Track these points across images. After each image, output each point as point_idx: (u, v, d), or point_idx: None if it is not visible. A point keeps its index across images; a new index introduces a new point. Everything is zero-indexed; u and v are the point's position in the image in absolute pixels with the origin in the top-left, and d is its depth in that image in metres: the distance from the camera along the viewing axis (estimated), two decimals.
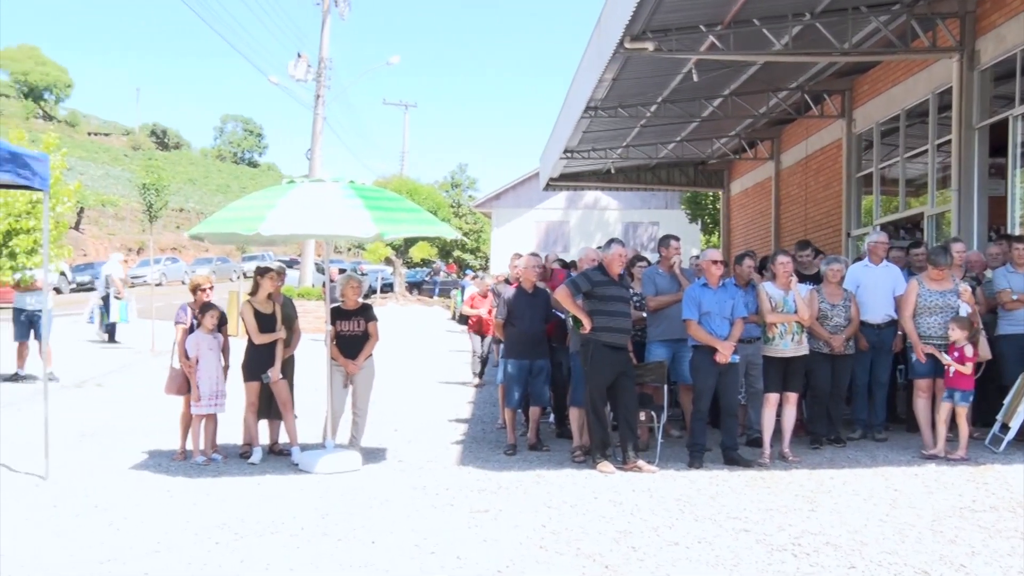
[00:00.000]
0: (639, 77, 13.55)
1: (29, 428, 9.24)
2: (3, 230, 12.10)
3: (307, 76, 29.82)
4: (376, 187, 8.96)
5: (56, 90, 79.49)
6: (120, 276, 18.25)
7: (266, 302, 8.32)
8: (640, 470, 7.73)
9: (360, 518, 6.28)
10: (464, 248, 51.96)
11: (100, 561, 5.28)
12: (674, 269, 8.96)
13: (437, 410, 11.42)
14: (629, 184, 25.28)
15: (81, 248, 47.14)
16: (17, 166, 6.93)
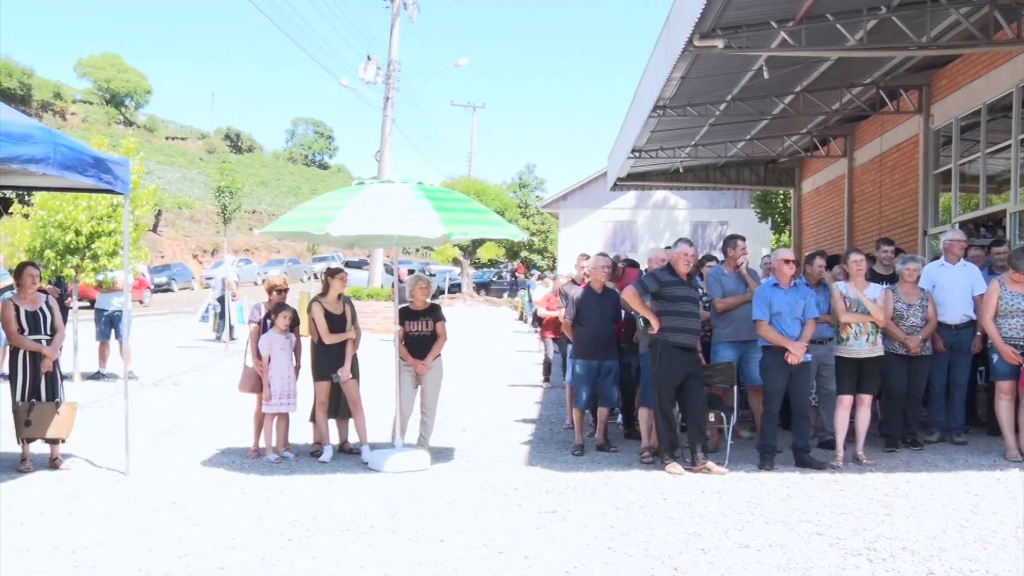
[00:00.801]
0: (708, 75, 13.39)
1: (110, 425, 9.52)
2: (86, 232, 12.47)
3: (376, 79, 30.18)
4: (444, 188, 9.02)
5: (136, 96, 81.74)
6: (234, 279, 18.87)
7: (336, 303, 8.43)
8: (709, 471, 7.65)
9: (428, 517, 6.32)
10: (531, 249, 51.99)
11: (178, 556, 5.41)
12: (740, 270, 8.84)
13: (505, 410, 11.45)
14: (697, 183, 24.99)
15: (158, 250, 48.40)
16: (100, 170, 7.14)
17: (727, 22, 10.38)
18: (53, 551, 5.44)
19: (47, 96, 71.95)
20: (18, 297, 7.83)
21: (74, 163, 6.76)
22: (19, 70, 67.08)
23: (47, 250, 12.46)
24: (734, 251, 8.91)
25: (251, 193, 62.72)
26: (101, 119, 74.51)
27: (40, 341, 7.68)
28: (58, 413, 7.65)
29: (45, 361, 7.67)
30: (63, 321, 8.23)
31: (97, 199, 12.33)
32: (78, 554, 5.39)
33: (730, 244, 8.99)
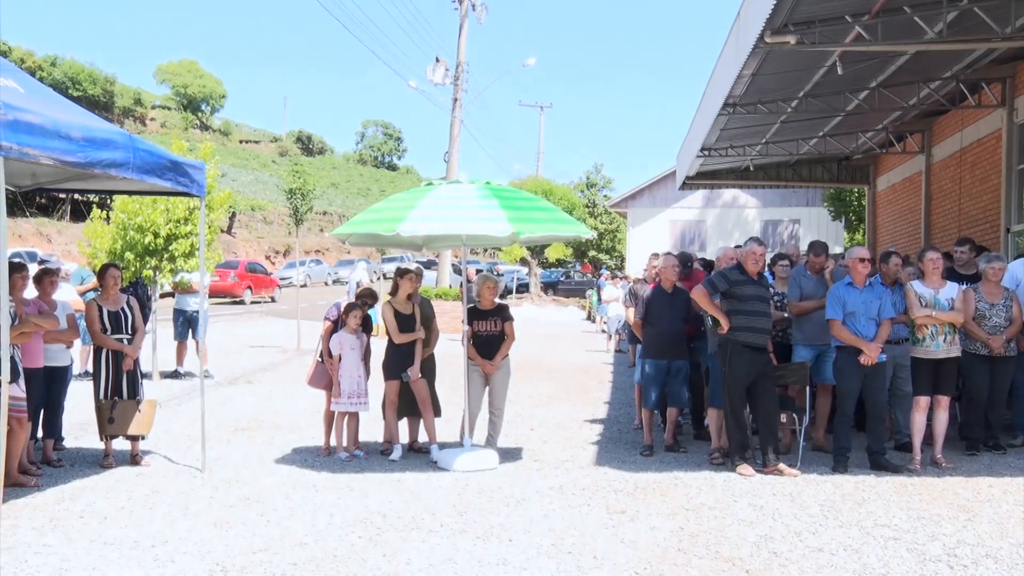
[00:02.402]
0: (780, 72, 13.18)
1: (187, 422, 9.76)
2: (164, 235, 12.79)
3: (445, 80, 30.40)
4: (511, 187, 9.04)
5: (212, 101, 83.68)
6: (367, 282, 19.42)
7: (406, 303, 8.51)
8: (781, 473, 7.54)
9: (497, 516, 6.34)
10: (599, 248, 51.78)
11: (253, 551, 5.52)
12: (824, 273, 8.70)
13: (573, 410, 11.42)
14: (768, 181, 24.63)
15: (232, 251, 49.44)
16: (177, 174, 7.33)
17: (799, 17, 10.20)
18: (135, 545, 5.60)
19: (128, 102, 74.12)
20: (101, 297, 8.06)
21: (153, 167, 6.94)
22: (102, 77, 69.23)
23: (127, 252, 12.80)
24: (820, 259, 8.78)
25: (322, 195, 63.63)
26: (178, 124, 76.49)
27: (122, 340, 7.89)
28: (139, 411, 7.86)
29: (126, 360, 7.88)
30: (144, 322, 8.45)
31: (174, 202, 12.63)
32: (158, 548, 5.53)
33: (817, 252, 8.85)
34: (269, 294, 35.82)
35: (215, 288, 30.84)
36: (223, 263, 31.90)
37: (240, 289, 33.21)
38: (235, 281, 33.14)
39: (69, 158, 6.00)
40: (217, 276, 30.52)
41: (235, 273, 33.50)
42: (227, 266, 33.27)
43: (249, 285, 33.58)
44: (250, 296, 33.40)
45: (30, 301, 7.56)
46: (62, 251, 36.31)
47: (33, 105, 5.89)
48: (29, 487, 6.93)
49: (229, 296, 32.52)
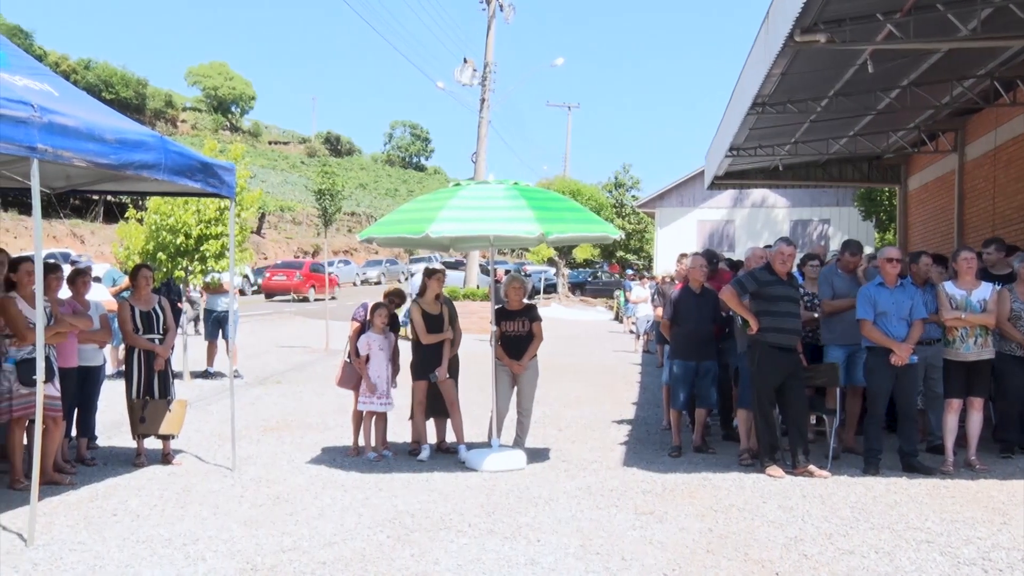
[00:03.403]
0: (809, 70, 13.07)
1: (218, 422, 9.84)
2: (195, 235, 12.91)
3: (472, 80, 30.45)
4: (539, 188, 9.04)
5: (241, 103, 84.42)
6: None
7: (434, 303, 8.53)
8: (811, 475, 7.48)
9: (525, 516, 6.34)
10: (627, 248, 51.65)
11: (283, 550, 5.55)
12: (857, 272, 8.62)
13: (601, 411, 11.40)
14: (798, 181, 24.43)
15: (262, 252, 49.82)
16: (208, 175, 7.40)
17: (830, 15, 10.11)
18: (166, 543, 5.65)
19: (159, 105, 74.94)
20: (133, 298, 8.15)
21: (183, 168, 7.01)
22: (134, 80, 70.06)
23: (159, 253, 12.93)
24: (855, 258, 8.71)
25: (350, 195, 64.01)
26: (209, 125, 77.24)
27: (153, 340, 7.97)
28: (170, 410, 7.93)
29: (158, 360, 7.95)
30: (175, 322, 8.53)
31: (205, 203, 12.74)
32: (189, 547, 5.58)
33: (853, 251, 8.77)
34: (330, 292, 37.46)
35: (283, 286, 36.24)
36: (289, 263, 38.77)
37: (305, 287, 36.30)
38: (300, 280, 36.38)
39: (102, 160, 6.07)
40: (284, 276, 36.52)
41: (300, 273, 36.82)
42: (293, 266, 37.91)
43: (313, 284, 36.00)
44: (313, 294, 35.65)
45: (65, 301, 7.66)
46: (95, 252, 36.77)
47: (67, 108, 5.98)
48: (64, 485, 7.02)
49: (296, 293, 35.96)
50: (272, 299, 36.09)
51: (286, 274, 36.97)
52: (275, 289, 36.78)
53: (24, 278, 6.97)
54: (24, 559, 5.29)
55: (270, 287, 36.74)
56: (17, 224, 38.45)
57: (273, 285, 36.83)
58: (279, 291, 36.64)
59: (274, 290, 36.82)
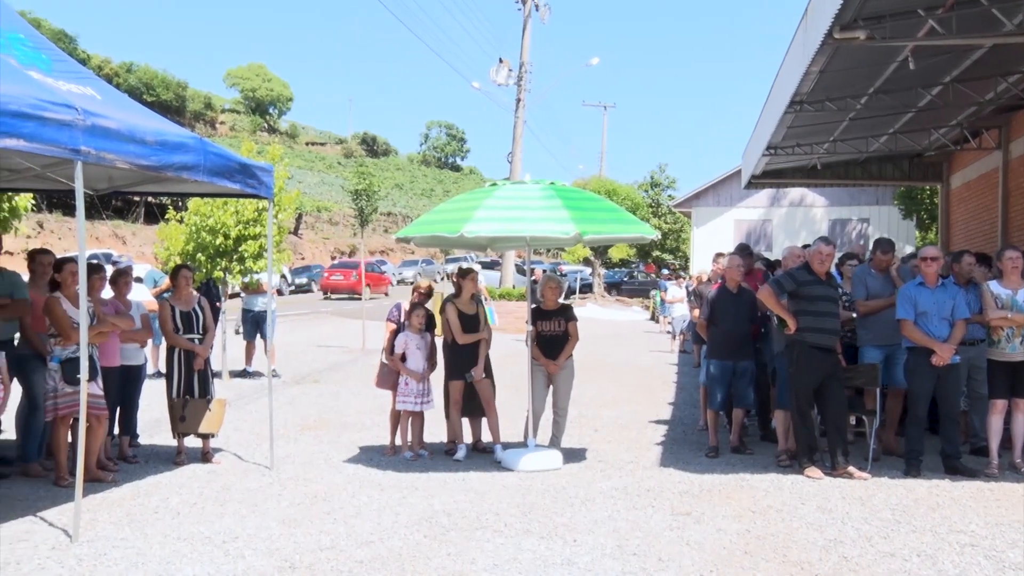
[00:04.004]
0: (848, 68, 12.92)
1: (256, 421, 9.94)
2: (234, 236, 13.03)
3: (508, 80, 30.47)
4: (575, 188, 9.02)
5: (279, 104, 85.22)
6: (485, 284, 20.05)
7: (469, 303, 8.54)
8: (851, 476, 7.40)
9: (562, 516, 6.34)
10: (663, 248, 51.40)
11: (321, 548, 5.60)
12: (891, 271, 8.51)
13: (637, 411, 11.36)
14: (836, 180, 24.13)
15: (299, 252, 50.27)
16: (246, 176, 7.47)
17: (869, 12, 9.98)
18: (206, 540, 5.72)
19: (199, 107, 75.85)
20: (173, 298, 8.25)
21: (222, 170, 7.09)
22: (174, 83, 70.98)
23: (199, 253, 13.08)
24: (887, 256, 8.60)
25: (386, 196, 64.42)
26: (247, 127, 78.05)
27: (193, 340, 8.06)
28: (209, 409, 8.02)
29: (197, 359, 8.04)
30: (214, 321, 8.63)
31: (244, 204, 12.86)
32: (228, 544, 5.65)
33: (884, 248, 8.67)
34: (383, 290, 40.20)
35: (340, 285, 38.12)
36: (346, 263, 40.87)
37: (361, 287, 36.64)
38: (356, 280, 37.66)
39: (143, 161, 6.16)
40: (341, 275, 38.39)
41: (356, 272, 37.82)
42: (349, 266, 39.42)
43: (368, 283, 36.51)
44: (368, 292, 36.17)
45: (107, 301, 7.78)
46: (136, 252, 37.32)
47: (109, 111, 6.07)
48: (107, 482, 7.12)
49: (352, 292, 36.89)
50: (329, 297, 38.05)
51: (343, 274, 38.88)
52: (333, 288, 38.76)
53: (68, 278, 7.09)
54: (69, 555, 5.38)
55: (328, 286, 38.87)
56: (61, 225, 39.13)
57: (331, 284, 38.93)
58: (336, 290, 38.54)
59: (332, 289, 38.76)
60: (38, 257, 7.89)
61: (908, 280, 8.24)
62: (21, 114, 5.16)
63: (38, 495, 6.77)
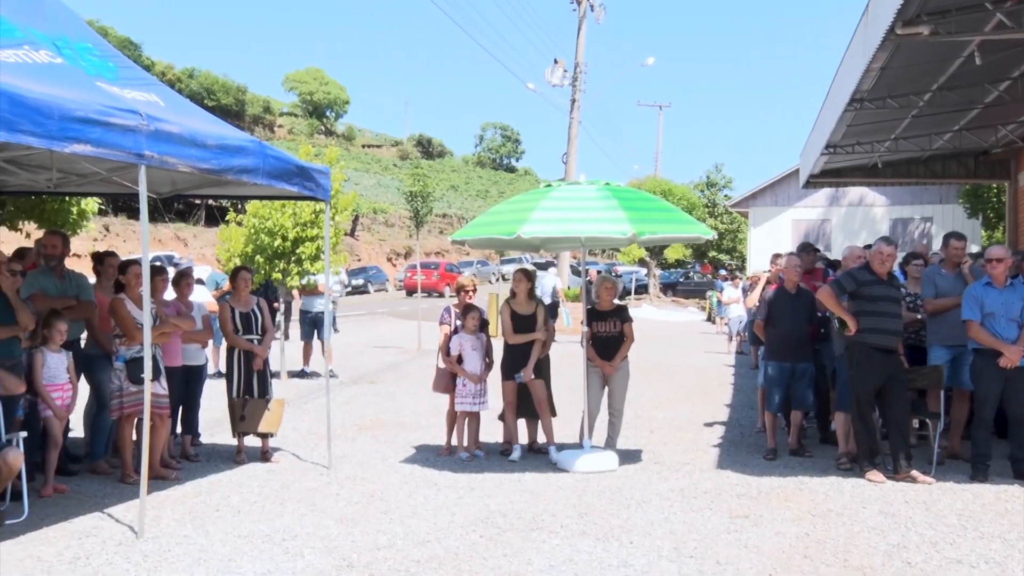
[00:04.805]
0: (911, 64, 12.66)
1: (314, 420, 10.06)
2: (292, 238, 13.21)
3: (563, 81, 30.46)
4: (630, 188, 8.97)
5: (336, 107, 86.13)
6: (560, 287, 20.49)
7: (526, 303, 8.53)
8: (914, 480, 7.24)
9: (618, 518, 6.31)
10: (720, 248, 50.89)
11: (378, 547, 5.64)
12: (962, 268, 8.31)
13: (693, 412, 11.26)
14: (898, 179, 23.65)
15: (356, 254, 50.76)
16: (304, 179, 7.57)
17: (933, 7, 9.77)
18: (266, 538, 5.81)
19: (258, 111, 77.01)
20: (233, 299, 8.39)
21: (281, 172, 7.19)
22: (234, 87, 72.18)
23: (257, 255, 13.28)
24: (947, 250, 8.40)
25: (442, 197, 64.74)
26: (304, 130, 79.06)
27: (252, 341, 8.18)
28: (268, 409, 8.13)
29: (256, 360, 8.16)
30: (272, 322, 8.75)
31: (301, 206, 13.03)
32: (288, 542, 5.72)
33: (945, 243, 8.48)
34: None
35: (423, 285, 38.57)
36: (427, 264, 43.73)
37: (441, 286, 41.51)
38: (437, 279, 41.86)
39: (204, 165, 6.27)
40: (424, 275, 39.03)
41: (437, 272, 42.49)
42: (431, 267, 43.21)
43: (448, 283, 40.08)
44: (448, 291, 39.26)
45: (170, 303, 7.94)
46: (197, 254, 38.04)
47: (172, 116, 6.20)
48: (170, 480, 7.27)
49: (433, 291, 40.76)
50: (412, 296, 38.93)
51: (425, 273, 40.61)
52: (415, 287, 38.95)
53: (132, 280, 7.25)
54: (135, 550, 5.50)
55: (411, 285, 40.85)
56: (126, 228, 40.06)
57: (413, 284, 40.08)
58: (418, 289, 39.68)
59: (414, 288, 39.88)
60: (105, 259, 8.09)
61: (977, 275, 8.06)
62: (88, 120, 5.30)
63: (105, 492, 6.94)
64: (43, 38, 6.28)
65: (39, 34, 6.32)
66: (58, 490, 6.83)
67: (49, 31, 6.50)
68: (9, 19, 6.17)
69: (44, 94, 5.11)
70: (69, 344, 7.32)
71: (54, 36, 6.47)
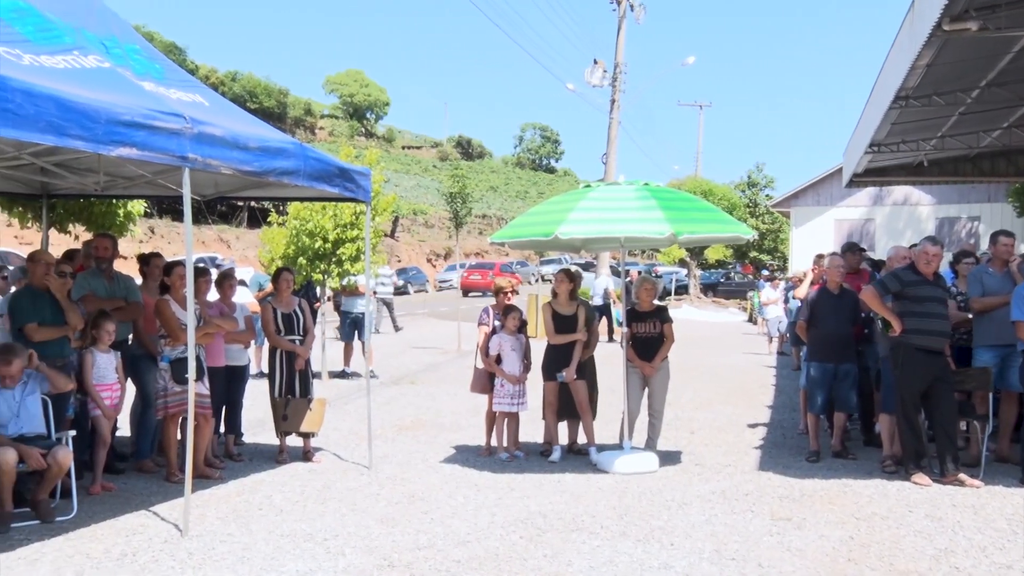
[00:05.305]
0: (958, 60, 12.46)
1: (355, 421, 10.12)
2: (332, 239, 13.31)
3: (603, 82, 30.38)
4: (670, 188, 8.92)
5: (376, 109, 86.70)
6: (613, 288, 20.72)
7: (568, 304, 8.52)
8: (962, 484, 7.12)
9: (658, 520, 6.27)
10: (761, 249, 50.43)
11: (418, 547, 5.67)
12: (1010, 267, 8.14)
13: (734, 413, 11.17)
14: (944, 177, 23.30)
15: (395, 254, 51.03)
16: (344, 180, 7.62)
17: (982, 1, 9.61)
18: (308, 537, 5.85)
19: (299, 113, 77.79)
20: (275, 300, 8.47)
21: (322, 174, 7.24)
22: (276, 90, 72.99)
23: (299, 257, 13.39)
24: (996, 247, 8.24)
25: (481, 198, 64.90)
26: (345, 132, 79.68)
27: (294, 341, 8.25)
28: (310, 409, 8.19)
29: (298, 360, 8.23)
30: (313, 323, 8.81)
31: (342, 207, 13.11)
32: (329, 542, 5.76)
33: (993, 240, 8.33)
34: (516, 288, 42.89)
35: (477, 285, 41.87)
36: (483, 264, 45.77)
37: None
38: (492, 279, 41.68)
39: (247, 167, 6.34)
40: (479, 275, 42.54)
41: (492, 273, 41.58)
42: (486, 267, 44.49)
43: None
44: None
45: (213, 304, 8.03)
46: (239, 256, 38.49)
47: (215, 118, 6.27)
48: (214, 479, 7.36)
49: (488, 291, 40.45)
50: (468, 295, 40.55)
51: (480, 274, 43.02)
52: (471, 287, 42.17)
53: (177, 281, 7.36)
54: (180, 548, 5.58)
55: (467, 285, 42.15)
56: (170, 230, 40.63)
57: (469, 283, 42.20)
58: (474, 288, 41.90)
59: (470, 288, 41.99)
60: (151, 260, 8.21)
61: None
62: (134, 124, 5.38)
63: (151, 490, 7.04)
64: (93, 39, 6.39)
65: (90, 35, 6.43)
66: (106, 488, 6.95)
67: (99, 32, 6.62)
68: (61, 21, 6.28)
69: (91, 99, 5.20)
70: (117, 344, 7.44)
71: (103, 37, 6.59)
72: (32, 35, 5.89)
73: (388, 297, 20.75)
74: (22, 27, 5.92)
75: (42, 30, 6.02)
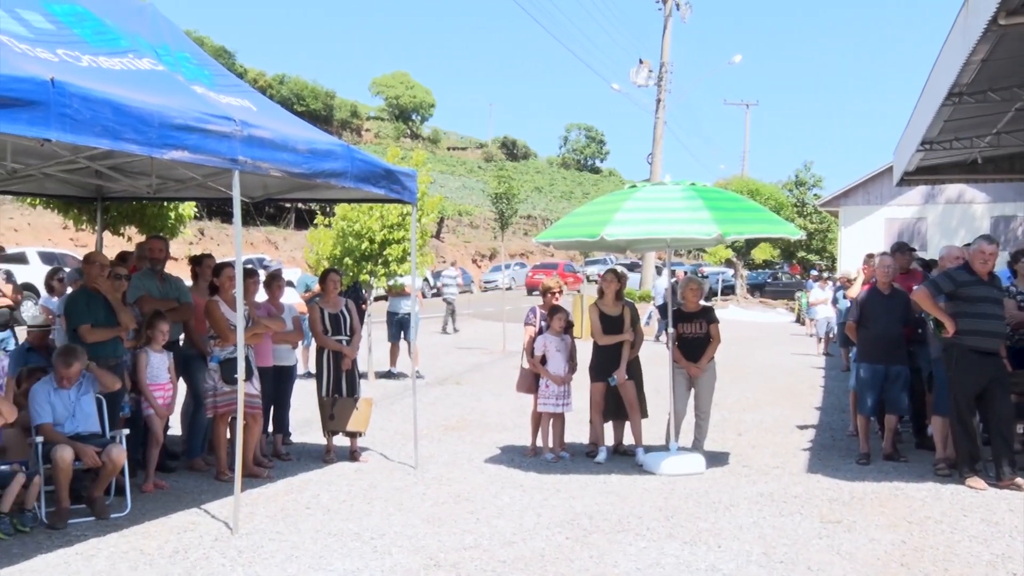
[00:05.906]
0: (1015, 55, 12.16)
1: (401, 421, 10.18)
2: (379, 240, 13.40)
3: (648, 81, 30.25)
4: (716, 188, 8.85)
5: (421, 111, 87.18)
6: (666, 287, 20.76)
7: (614, 305, 8.49)
8: (1019, 488, 6.97)
9: (705, 522, 6.23)
10: (809, 248, 49.80)
11: (464, 547, 5.69)
12: None
13: (782, 414, 11.04)
14: (1000, 175, 22.76)
15: (441, 255, 51.22)
16: (391, 182, 7.67)
17: None
18: (355, 536, 5.91)
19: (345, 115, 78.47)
20: (322, 301, 8.55)
21: (368, 176, 7.30)
22: (323, 92, 73.70)
23: (346, 258, 13.50)
24: None
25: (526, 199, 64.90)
26: (391, 134, 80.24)
27: (341, 341, 8.32)
28: (357, 408, 8.26)
29: (345, 360, 8.30)
30: (360, 323, 8.88)
31: (388, 208, 13.19)
32: (376, 541, 5.81)
33: None
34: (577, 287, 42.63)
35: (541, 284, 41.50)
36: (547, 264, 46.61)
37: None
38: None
39: (295, 169, 6.41)
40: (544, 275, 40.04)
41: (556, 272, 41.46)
42: (548, 267, 44.74)
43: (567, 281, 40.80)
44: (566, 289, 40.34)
45: (261, 304, 8.13)
46: (287, 257, 38.88)
47: (264, 121, 6.35)
48: (262, 478, 7.45)
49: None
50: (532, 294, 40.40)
51: (545, 273, 42.16)
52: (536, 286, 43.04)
53: (226, 283, 7.46)
54: (231, 546, 5.66)
55: (532, 284, 42.26)
56: (220, 232, 41.19)
57: (535, 283, 41.93)
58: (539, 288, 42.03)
59: (535, 287, 41.43)
60: (203, 261, 8.34)
61: None
62: (186, 127, 5.47)
63: (201, 488, 7.15)
64: (146, 46, 6.52)
65: (143, 42, 6.56)
66: (158, 486, 7.08)
67: (152, 39, 6.75)
68: (117, 26, 6.42)
69: (145, 102, 5.29)
70: (169, 345, 7.56)
71: (155, 44, 6.71)
72: (90, 38, 6.03)
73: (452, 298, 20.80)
74: (81, 30, 6.07)
75: (99, 33, 6.16)
